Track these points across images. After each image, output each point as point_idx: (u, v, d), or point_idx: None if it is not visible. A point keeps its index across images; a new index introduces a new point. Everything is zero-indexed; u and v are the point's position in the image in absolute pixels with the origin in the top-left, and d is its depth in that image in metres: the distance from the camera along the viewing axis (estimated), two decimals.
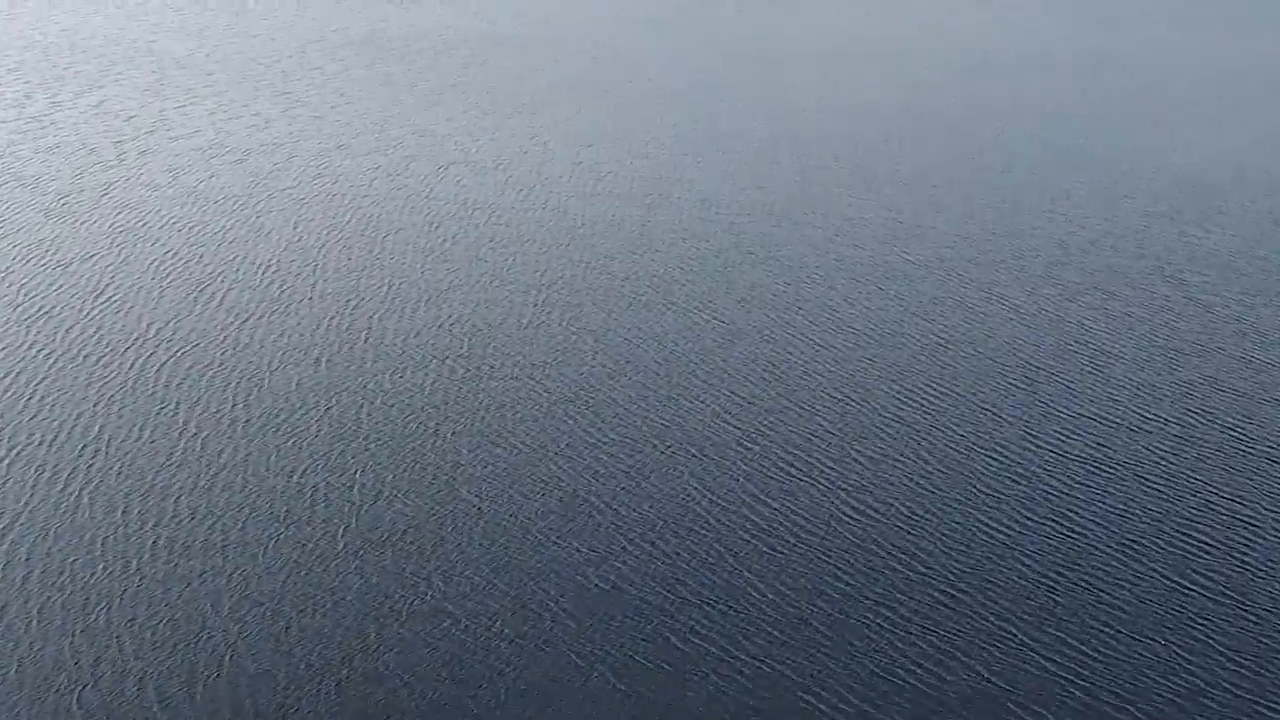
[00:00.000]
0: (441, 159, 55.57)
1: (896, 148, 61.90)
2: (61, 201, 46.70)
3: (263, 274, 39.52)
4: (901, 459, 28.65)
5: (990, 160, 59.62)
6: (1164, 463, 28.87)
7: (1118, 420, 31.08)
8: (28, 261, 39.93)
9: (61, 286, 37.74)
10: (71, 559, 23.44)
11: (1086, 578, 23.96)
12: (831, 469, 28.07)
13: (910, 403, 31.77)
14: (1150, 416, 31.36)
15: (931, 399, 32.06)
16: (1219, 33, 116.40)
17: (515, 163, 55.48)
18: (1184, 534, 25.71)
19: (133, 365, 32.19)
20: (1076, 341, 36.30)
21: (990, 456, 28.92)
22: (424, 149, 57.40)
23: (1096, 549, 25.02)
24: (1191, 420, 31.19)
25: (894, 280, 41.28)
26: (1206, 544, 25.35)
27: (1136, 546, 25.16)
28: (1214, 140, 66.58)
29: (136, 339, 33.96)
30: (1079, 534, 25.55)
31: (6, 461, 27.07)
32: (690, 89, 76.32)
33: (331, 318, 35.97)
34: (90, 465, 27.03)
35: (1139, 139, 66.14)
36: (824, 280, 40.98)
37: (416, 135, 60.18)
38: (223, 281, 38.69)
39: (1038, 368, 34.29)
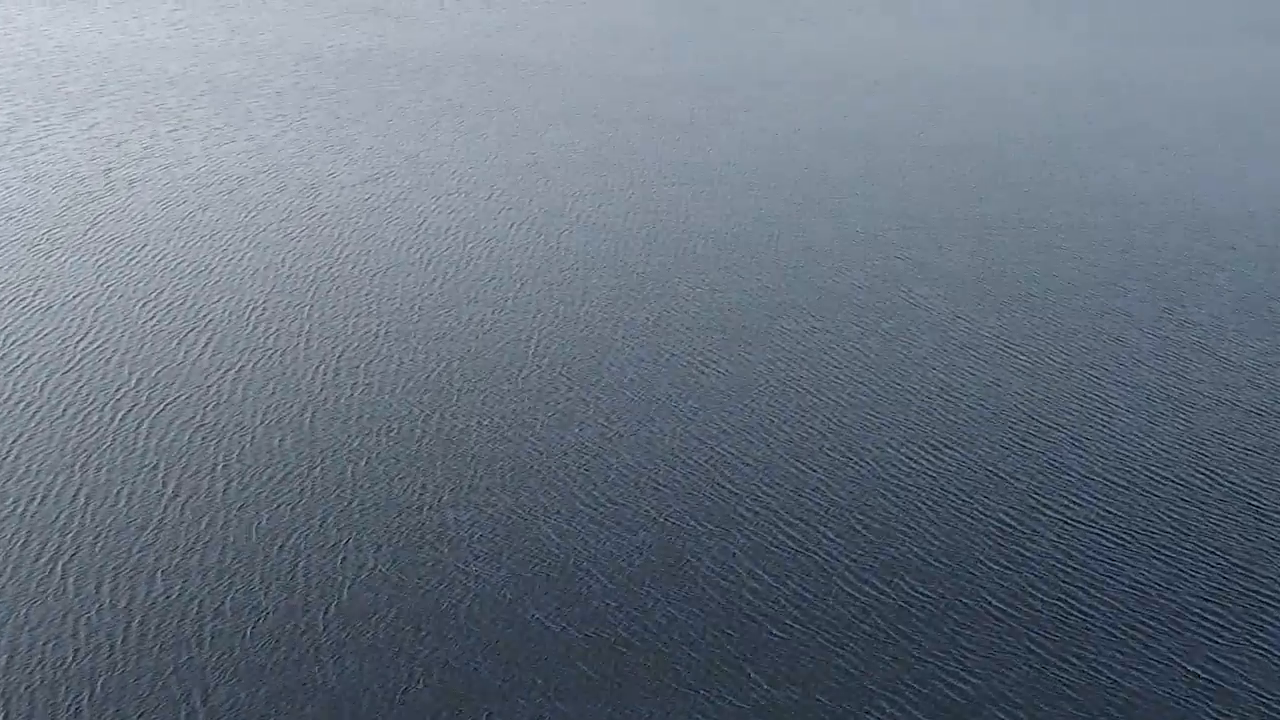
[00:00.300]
0: (435, 190, 54.65)
1: (899, 180, 61.02)
2: (48, 236, 45.78)
3: (249, 319, 38.58)
4: (901, 521, 27.71)
5: (997, 193, 58.72)
6: (1176, 529, 27.93)
7: (1126, 482, 30.14)
8: (9, 304, 38.99)
9: (43, 332, 36.79)
10: (44, 642, 22.48)
11: (1094, 660, 23.02)
12: (829, 534, 27.13)
13: (910, 459, 30.83)
14: (1161, 477, 30.42)
15: (932, 456, 31.12)
16: (1232, 51, 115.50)
17: (510, 194, 54.57)
18: (1199, 612, 24.76)
19: (113, 421, 31.24)
20: (1084, 393, 35.37)
21: (992, 520, 27.98)
22: (417, 179, 56.50)
23: (1105, 627, 24.08)
24: (1204, 481, 30.25)
25: (895, 324, 40.35)
26: (1222, 625, 24.40)
27: (1148, 625, 24.21)
28: (1223, 168, 65.69)
29: (119, 391, 33.01)
30: (1087, 610, 24.61)
31: None
32: (687, 114, 75.44)
33: (319, 368, 35.03)
34: (64, 534, 26.07)
35: (1147, 167, 65.26)
36: (823, 325, 40.05)
37: (410, 163, 59.27)
38: (208, 327, 37.75)
39: (1043, 422, 33.35)
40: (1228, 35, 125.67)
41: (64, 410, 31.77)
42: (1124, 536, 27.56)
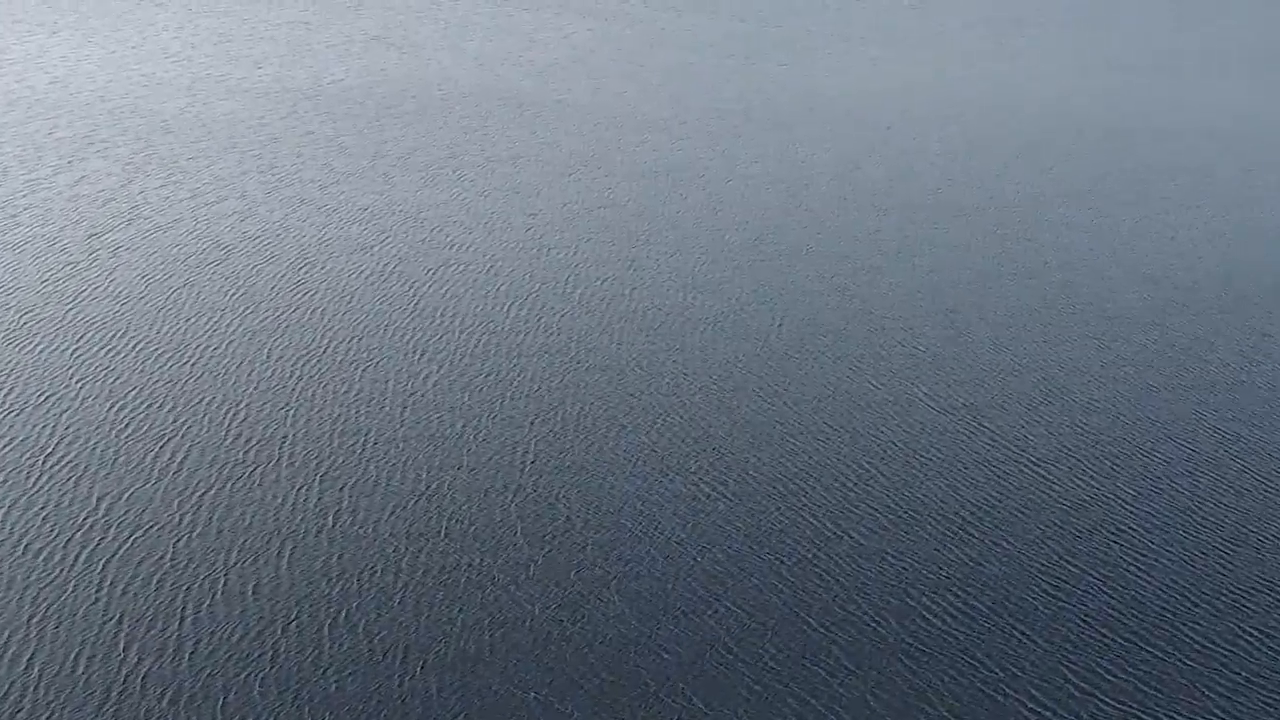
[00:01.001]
0: (429, 262, 52.55)
1: (912, 248, 58.85)
2: (22, 321, 43.73)
3: (225, 426, 36.45)
4: (912, 686, 25.50)
5: (1018, 266, 56.49)
6: (1209, 698, 25.69)
7: (1159, 644, 27.90)
8: None
9: (3, 443, 34.70)
10: None
11: None
12: (831, 664, 24.96)
13: (921, 607, 28.61)
14: (1199, 644, 28.17)
15: (945, 603, 28.91)
16: (1262, 86, 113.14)
17: (509, 263, 52.47)
18: None
19: (74, 561, 29.12)
20: (1111, 526, 33.13)
21: (1005, 669, 25.77)
22: (413, 245, 54.39)
23: None
24: (1246, 649, 28.01)
25: (909, 435, 38.14)
26: None
27: None
28: (1251, 230, 63.39)
29: (82, 520, 30.89)
30: None
31: None
32: (695, 165, 73.34)
33: (297, 491, 32.88)
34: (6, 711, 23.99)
35: (1178, 231, 62.99)
36: (830, 437, 37.83)
37: (406, 225, 57.18)
38: (182, 436, 35.63)
39: (1065, 563, 31.11)
40: (1267, 67, 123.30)
41: (18, 545, 29.65)
42: (1149, 702, 25.36)
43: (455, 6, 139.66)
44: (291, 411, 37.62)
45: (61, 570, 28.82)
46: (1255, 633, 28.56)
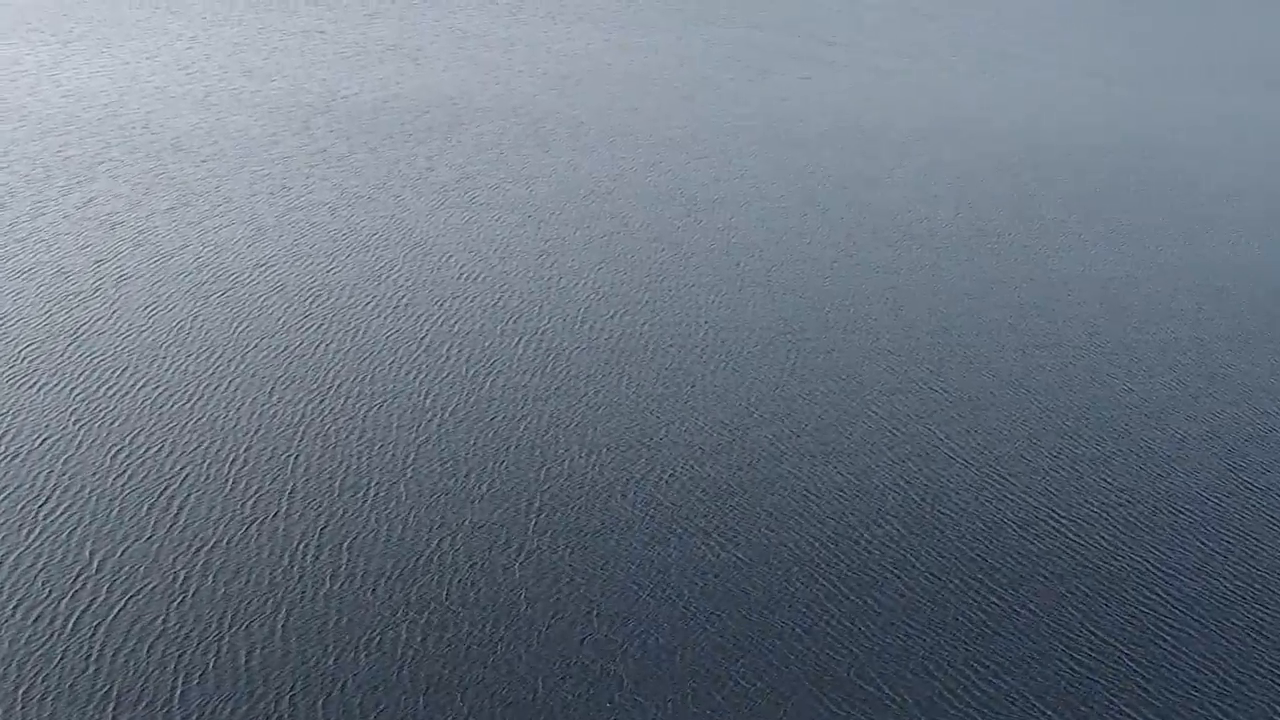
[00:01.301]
0: (440, 290, 51.66)
1: (932, 276, 57.66)
2: (23, 355, 42.99)
3: (226, 474, 35.59)
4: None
5: (1041, 299, 55.28)
6: None
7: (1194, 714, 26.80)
8: None
9: None
10: None
11: None
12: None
13: (936, 672, 27.53)
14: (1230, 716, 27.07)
15: (961, 669, 27.82)
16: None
17: (520, 296, 51.54)
18: None
19: (65, 626, 28.29)
20: (1140, 588, 31.97)
21: None
22: (422, 275, 53.52)
23: None
24: None
25: (932, 486, 37.03)
26: None
27: None
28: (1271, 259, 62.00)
29: (78, 577, 30.07)
30: None
31: None
32: (711, 186, 72.31)
33: (295, 548, 31.98)
34: None
35: (1206, 256, 61.62)
36: (849, 484, 36.75)
37: (418, 253, 56.32)
38: (181, 485, 34.78)
39: (1090, 631, 29.97)
40: None
41: (7, 604, 28.82)
42: None
43: (470, 16, 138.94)
44: (293, 459, 36.74)
45: (52, 634, 27.99)
46: None
